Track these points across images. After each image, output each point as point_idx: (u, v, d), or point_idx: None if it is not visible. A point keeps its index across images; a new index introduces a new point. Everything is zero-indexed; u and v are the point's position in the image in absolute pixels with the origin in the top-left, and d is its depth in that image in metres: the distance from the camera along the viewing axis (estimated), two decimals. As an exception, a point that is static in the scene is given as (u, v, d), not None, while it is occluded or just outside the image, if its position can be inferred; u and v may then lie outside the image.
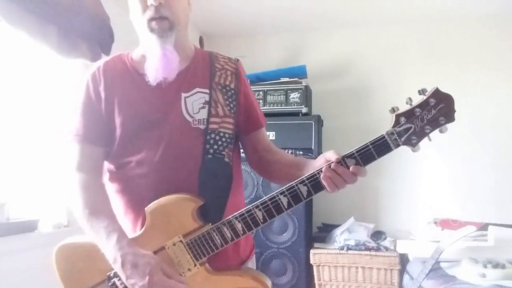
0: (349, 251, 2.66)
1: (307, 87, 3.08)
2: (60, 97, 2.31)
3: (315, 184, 0.97)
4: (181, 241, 1.00)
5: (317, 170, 0.97)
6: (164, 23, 1.03)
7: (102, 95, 1.06)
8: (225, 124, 1.08)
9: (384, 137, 0.95)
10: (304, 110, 3.00)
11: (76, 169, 1.06)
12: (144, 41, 1.10)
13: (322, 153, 3.34)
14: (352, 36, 3.44)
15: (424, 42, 3.27)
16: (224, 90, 1.11)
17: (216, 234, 0.99)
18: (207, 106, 1.07)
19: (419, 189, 3.14)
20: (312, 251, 2.74)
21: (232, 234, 0.99)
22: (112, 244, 0.96)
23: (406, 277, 2.44)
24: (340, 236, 2.80)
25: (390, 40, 3.35)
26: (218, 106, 1.08)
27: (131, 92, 1.07)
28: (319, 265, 2.73)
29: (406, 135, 0.93)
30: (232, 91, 1.12)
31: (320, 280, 2.74)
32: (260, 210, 0.98)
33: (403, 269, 2.57)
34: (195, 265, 1.00)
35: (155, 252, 1.00)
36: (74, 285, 1.06)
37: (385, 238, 2.84)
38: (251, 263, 1.19)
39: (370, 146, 0.95)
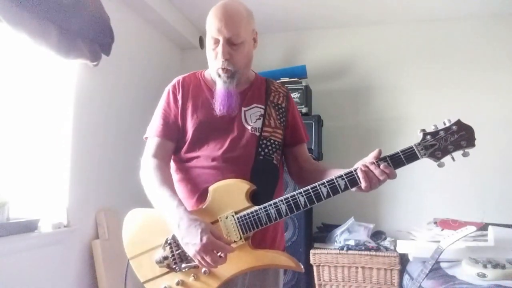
0: (349, 251, 2.66)
1: (307, 87, 3.09)
2: (61, 98, 2.32)
3: (351, 179, 1.15)
4: (232, 215, 1.18)
5: (354, 168, 1.15)
6: (228, 73, 1.27)
7: (179, 102, 1.33)
8: (275, 133, 1.33)
9: (412, 147, 1.14)
10: (304, 110, 3.00)
11: (152, 156, 1.30)
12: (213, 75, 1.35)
13: (322, 153, 3.34)
14: (352, 36, 3.44)
15: (424, 42, 3.27)
16: (277, 107, 1.36)
17: (263, 213, 1.17)
18: (262, 118, 1.32)
19: (419, 189, 3.14)
20: (312, 251, 2.74)
21: (276, 214, 1.16)
22: (173, 209, 1.15)
23: (406, 277, 2.44)
24: (340, 236, 2.80)
25: (390, 40, 3.35)
26: (271, 119, 1.33)
27: (203, 102, 1.32)
28: (319, 265, 2.73)
29: (431, 150, 1.13)
30: (283, 109, 1.37)
31: (320, 280, 2.74)
32: (302, 196, 1.16)
33: (403, 269, 2.57)
34: (240, 238, 1.17)
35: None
36: (135, 246, 1.25)
37: (385, 238, 2.84)
38: None
39: (400, 153, 1.14)
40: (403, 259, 2.61)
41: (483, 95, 3.07)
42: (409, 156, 1.13)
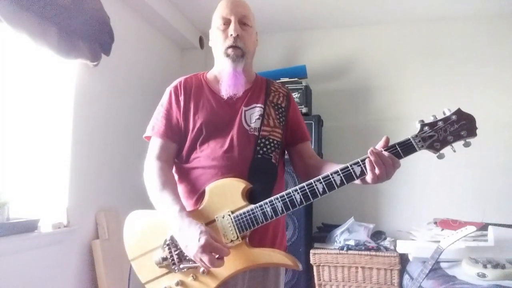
0: (349, 251, 2.66)
1: (307, 87, 3.09)
2: (60, 98, 2.32)
3: (347, 174, 1.11)
4: (229, 214, 1.18)
5: (350, 163, 1.12)
6: (237, 51, 1.30)
7: (181, 103, 1.33)
8: (274, 133, 1.33)
9: (409, 139, 1.10)
10: (304, 110, 3.00)
11: (156, 158, 1.30)
12: (219, 64, 1.36)
13: (322, 153, 3.33)
14: (352, 36, 3.44)
15: (425, 42, 3.28)
16: (276, 107, 1.37)
17: (259, 211, 1.16)
18: (261, 118, 1.32)
19: (419, 189, 3.15)
20: (312, 251, 2.74)
21: (272, 212, 1.15)
22: (174, 213, 1.17)
23: (406, 277, 2.44)
24: (340, 236, 2.80)
25: (391, 40, 3.35)
26: (270, 118, 1.33)
27: (204, 103, 1.33)
28: (319, 265, 2.73)
29: (430, 141, 1.09)
30: (283, 109, 1.38)
31: (320, 280, 2.74)
32: (298, 193, 1.14)
33: (403, 269, 2.57)
34: (237, 237, 1.17)
35: (207, 224, 1.19)
36: (136, 247, 1.26)
37: (385, 238, 2.84)
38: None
39: (397, 146, 1.10)
40: (403, 259, 2.62)
41: (483, 94, 3.07)
42: (406, 148, 1.09)
